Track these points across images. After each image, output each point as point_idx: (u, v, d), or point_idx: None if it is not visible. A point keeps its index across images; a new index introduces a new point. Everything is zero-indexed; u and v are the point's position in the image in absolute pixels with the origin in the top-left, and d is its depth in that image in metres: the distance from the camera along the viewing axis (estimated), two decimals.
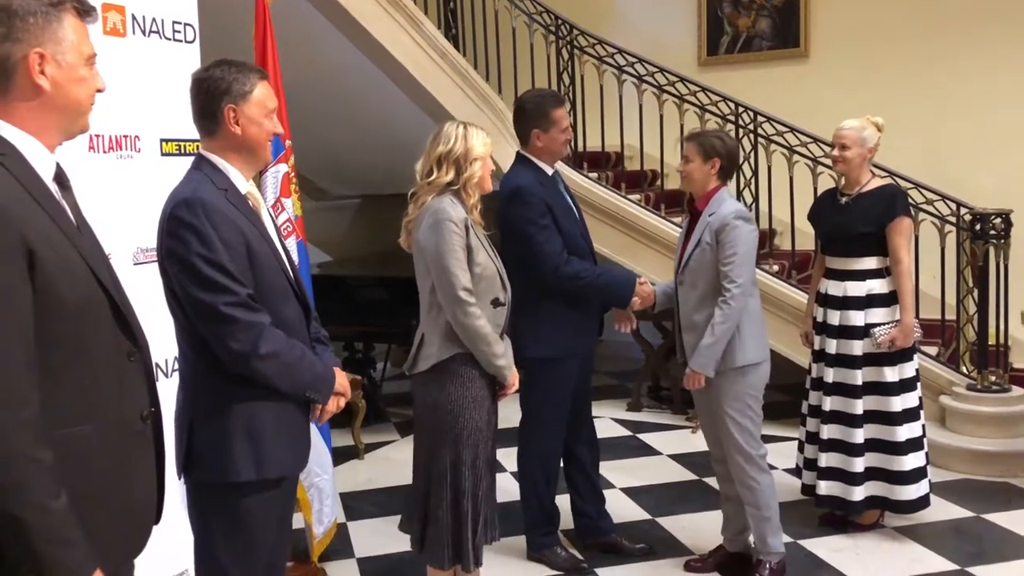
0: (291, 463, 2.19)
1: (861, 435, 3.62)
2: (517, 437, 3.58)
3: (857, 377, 3.61)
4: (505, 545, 3.48)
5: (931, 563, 3.52)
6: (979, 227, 4.59)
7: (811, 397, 3.80)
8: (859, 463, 3.62)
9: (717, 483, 3.56)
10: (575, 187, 4.98)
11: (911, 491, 3.63)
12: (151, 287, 2.21)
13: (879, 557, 3.58)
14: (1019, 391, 4.66)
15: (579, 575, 3.50)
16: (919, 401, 3.69)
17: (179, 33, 2.89)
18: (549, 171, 3.49)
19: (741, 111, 5.21)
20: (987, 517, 3.93)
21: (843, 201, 3.67)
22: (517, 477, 3.66)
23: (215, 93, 2.07)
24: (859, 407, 3.61)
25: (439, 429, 2.75)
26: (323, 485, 3.39)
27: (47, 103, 1.52)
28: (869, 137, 3.61)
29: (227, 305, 1.99)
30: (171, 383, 2.55)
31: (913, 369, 3.67)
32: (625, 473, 4.58)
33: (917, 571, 3.45)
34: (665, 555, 3.62)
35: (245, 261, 2.04)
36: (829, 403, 3.67)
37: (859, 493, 3.64)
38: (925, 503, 3.69)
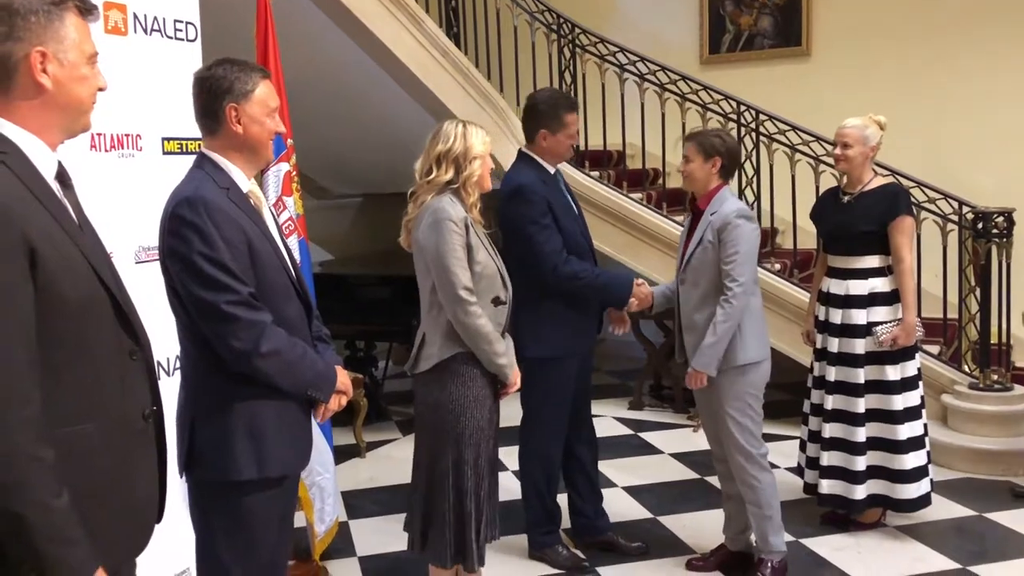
0: (293, 462, 2.19)
1: (863, 434, 3.62)
2: (518, 436, 3.58)
3: (859, 376, 3.60)
4: (506, 544, 3.48)
5: (933, 562, 3.51)
6: (981, 226, 4.59)
7: (813, 396, 3.79)
8: (861, 462, 3.62)
9: (718, 482, 3.56)
10: (577, 186, 4.98)
11: (912, 490, 3.63)
12: (153, 286, 2.21)
13: (881, 556, 3.57)
14: (1021, 390, 4.65)
15: (580, 574, 3.50)
16: (921, 400, 3.69)
17: (180, 32, 2.89)
18: (551, 170, 3.48)
19: (743, 110, 5.20)
20: (989, 516, 3.92)
21: (845, 200, 3.67)
22: (518, 476, 3.66)
23: (217, 92, 2.07)
24: (861, 406, 3.61)
25: (441, 429, 2.75)
26: (325, 484, 3.39)
27: (49, 102, 1.52)
28: (871, 136, 3.60)
29: (229, 304, 1.99)
30: (173, 382, 2.55)
31: (915, 368, 3.66)
32: (627, 472, 4.58)
33: (919, 570, 3.45)
34: (667, 554, 3.62)
35: (247, 260, 2.04)
36: (831, 402, 3.67)
37: (861, 492, 3.63)
38: (926, 502, 3.69)
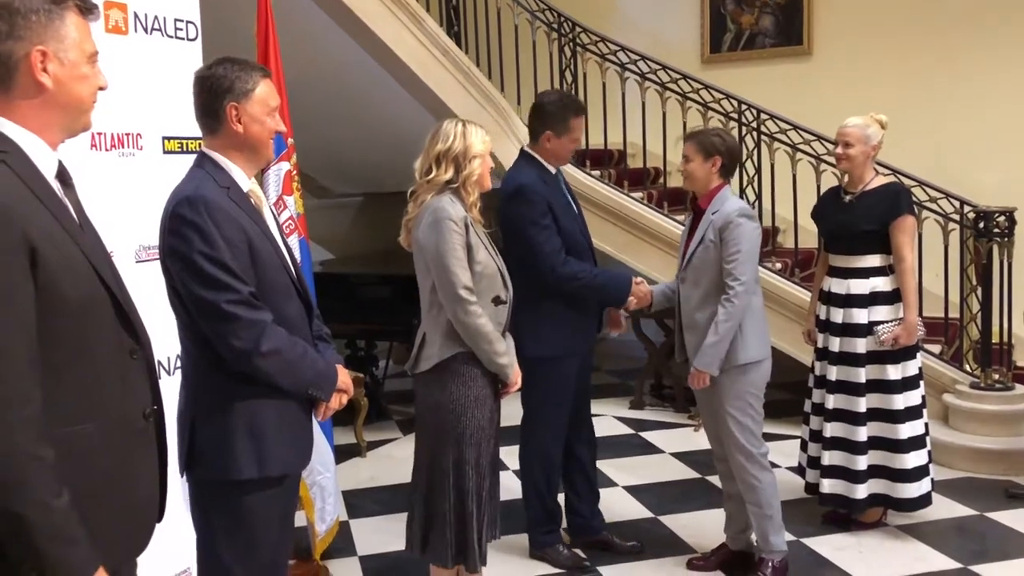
0: (293, 461, 2.19)
1: (864, 433, 3.62)
2: (518, 436, 3.57)
3: (860, 375, 3.60)
4: (507, 543, 3.48)
5: (934, 561, 3.51)
6: (983, 225, 4.58)
7: (814, 395, 3.79)
8: (862, 461, 3.62)
9: (719, 481, 3.56)
10: (578, 185, 4.99)
11: (913, 489, 3.63)
12: (153, 285, 2.21)
13: (882, 555, 3.57)
14: (1022, 389, 4.65)
15: (581, 573, 3.50)
16: (922, 399, 3.68)
17: (181, 31, 2.88)
18: (552, 170, 3.48)
19: (744, 109, 5.20)
20: (990, 515, 3.92)
21: (847, 199, 3.67)
22: (519, 476, 3.66)
23: (217, 91, 2.07)
24: (862, 405, 3.61)
25: (442, 429, 2.74)
26: (325, 483, 3.39)
27: (49, 101, 1.52)
28: (873, 135, 3.60)
29: (229, 303, 1.99)
30: (173, 381, 2.55)
31: (916, 367, 3.66)
32: (627, 471, 4.57)
33: (920, 569, 3.45)
34: (668, 553, 3.62)
35: (247, 259, 2.04)
36: (832, 401, 3.66)
37: (862, 491, 3.63)
38: (927, 501, 3.69)
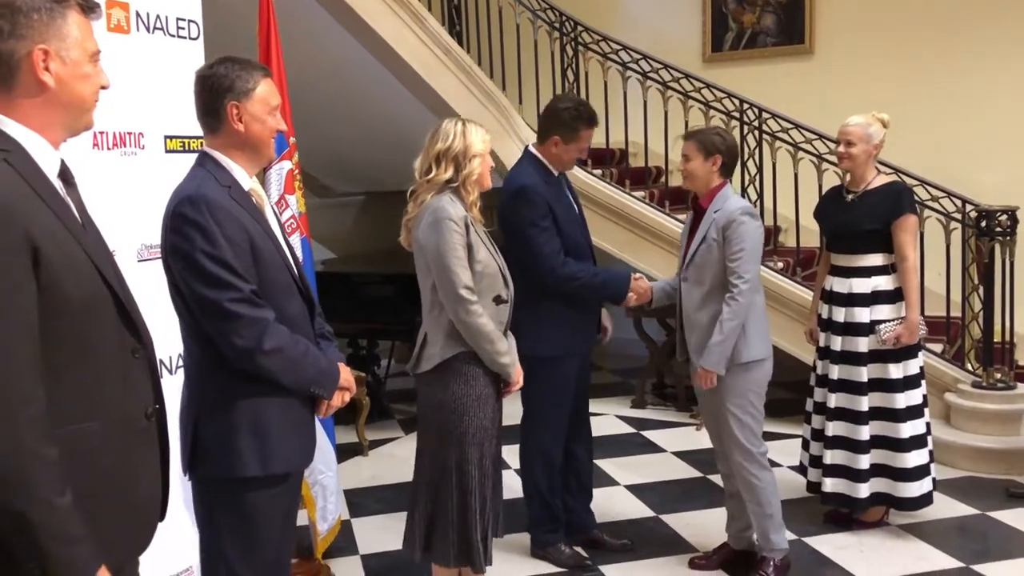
0: (297, 458, 2.20)
1: (866, 432, 3.61)
2: (519, 435, 3.57)
3: (862, 374, 3.60)
4: (509, 542, 3.48)
5: (936, 560, 3.51)
6: (985, 224, 4.58)
7: (816, 394, 3.79)
8: (864, 460, 3.62)
9: (721, 480, 3.56)
10: (579, 184, 4.99)
11: (914, 488, 3.62)
12: (155, 284, 2.21)
13: (884, 554, 3.57)
14: None
15: (583, 572, 3.50)
16: (923, 399, 3.68)
17: (183, 30, 2.89)
18: (555, 171, 3.48)
19: (746, 108, 5.20)
20: (992, 515, 3.92)
21: (849, 198, 3.66)
22: (520, 475, 3.66)
23: (218, 90, 2.07)
24: (864, 404, 3.61)
25: (444, 429, 2.74)
26: (327, 482, 3.40)
27: (51, 100, 1.52)
28: (875, 134, 3.60)
29: (231, 301, 1.99)
30: (175, 380, 2.55)
31: (917, 366, 3.66)
32: (629, 470, 4.57)
33: (922, 569, 3.45)
34: (669, 552, 3.62)
35: (249, 258, 2.04)
36: (834, 400, 3.66)
37: (864, 490, 3.63)
38: (928, 501, 3.68)
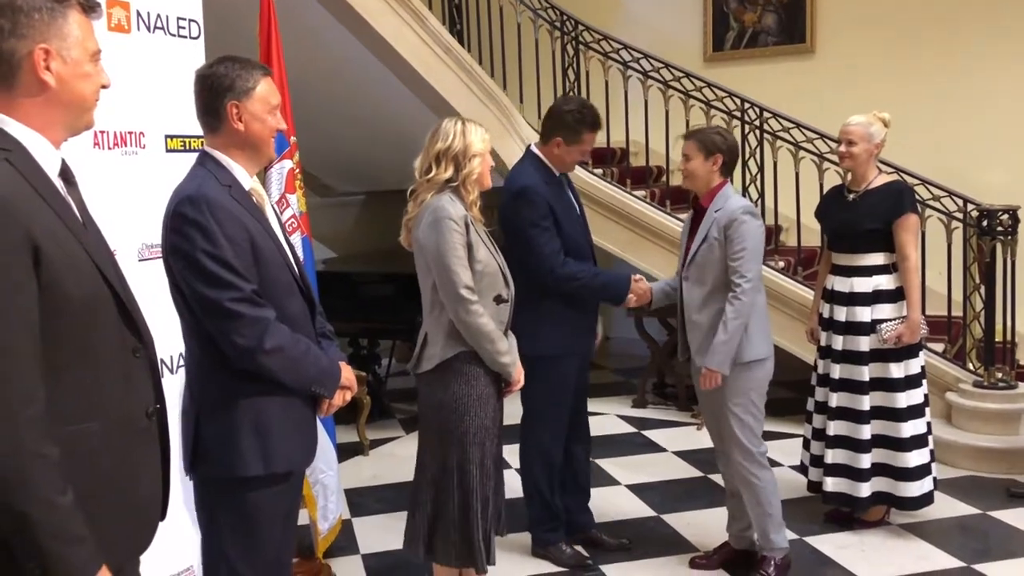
0: (298, 457, 2.20)
1: (868, 431, 3.61)
2: (519, 434, 3.57)
3: (864, 373, 3.60)
4: (510, 541, 3.48)
5: (937, 560, 3.51)
6: (986, 223, 4.57)
7: (817, 393, 3.78)
8: (866, 459, 3.61)
9: (722, 480, 3.55)
10: (580, 183, 4.98)
11: (915, 487, 3.62)
12: (156, 283, 2.21)
13: (885, 554, 3.57)
14: None
15: (584, 571, 3.50)
16: (924, 398, 3.68)
17: (183, 29, 2.89)
18: (556, 172, 3.48)
19: (747, 107, 5.19)
20: (993, 514, 3.92)
21: (850, 197, 3.66)
22: (520, 474, 3.66)
23: (218, 90, 2.07)
24: (866, 403, 3.61)
25: (445, 429, 2.74)
26: (328, 481, 3.39)
27: (52, 99, 1.52)
28: (876, 133, 3.60)
29: (232, 301, 1.99)
30: (176, 379, 2.55)
31: (919, 366, 3.66)
32: (630, 470, 4.57)
33: (923, 568, 3.45)
34: (670, 552, 3.62)
35: (249, 257, 2.04)
36: (836, 399, 3.66)
37: (866, 489, 3.63)
38: (929, 500, 3.68)
